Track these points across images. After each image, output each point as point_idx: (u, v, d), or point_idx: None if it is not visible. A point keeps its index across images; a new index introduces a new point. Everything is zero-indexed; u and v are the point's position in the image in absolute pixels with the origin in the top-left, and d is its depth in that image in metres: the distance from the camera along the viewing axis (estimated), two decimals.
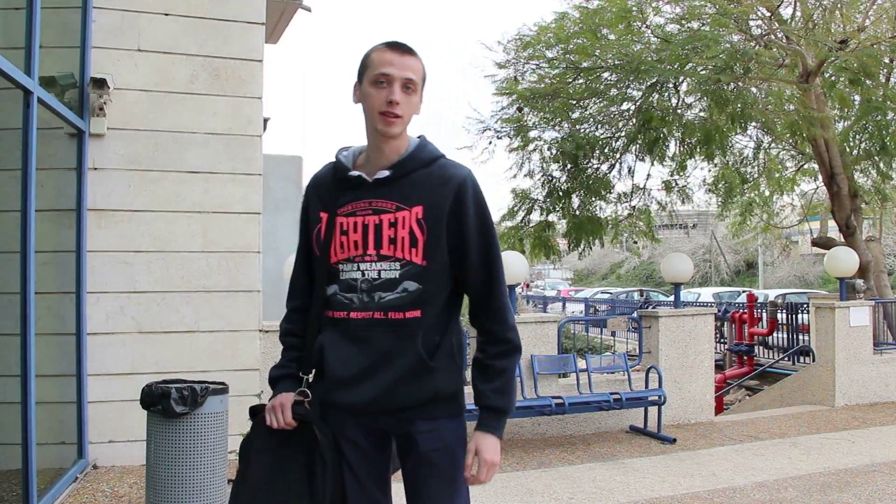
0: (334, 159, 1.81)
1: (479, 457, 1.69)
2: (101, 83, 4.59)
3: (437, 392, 1.71)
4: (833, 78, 9.26)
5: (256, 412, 1.80)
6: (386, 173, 1.70)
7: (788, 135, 9.62)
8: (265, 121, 5.89)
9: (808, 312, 9.50)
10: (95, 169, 4.74)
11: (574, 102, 10.01)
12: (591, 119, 10.25)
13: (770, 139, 11.27)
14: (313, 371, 1.81)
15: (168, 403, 3.18)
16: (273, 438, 1.74)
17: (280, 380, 1.80)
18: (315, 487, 1.68)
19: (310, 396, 1.76)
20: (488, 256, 1.74)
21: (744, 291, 18.00)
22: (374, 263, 1.69)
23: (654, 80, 9.13)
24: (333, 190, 1.76)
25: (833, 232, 11.89)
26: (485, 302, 1.76)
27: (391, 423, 1.73)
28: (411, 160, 1.72)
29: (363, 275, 1.70)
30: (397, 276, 1.68)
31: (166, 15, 4.92)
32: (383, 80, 1.66)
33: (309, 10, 7.51)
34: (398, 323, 1.68)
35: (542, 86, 9.88)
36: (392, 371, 1.68)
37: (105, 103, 4.65)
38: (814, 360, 7.81)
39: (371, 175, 1.72)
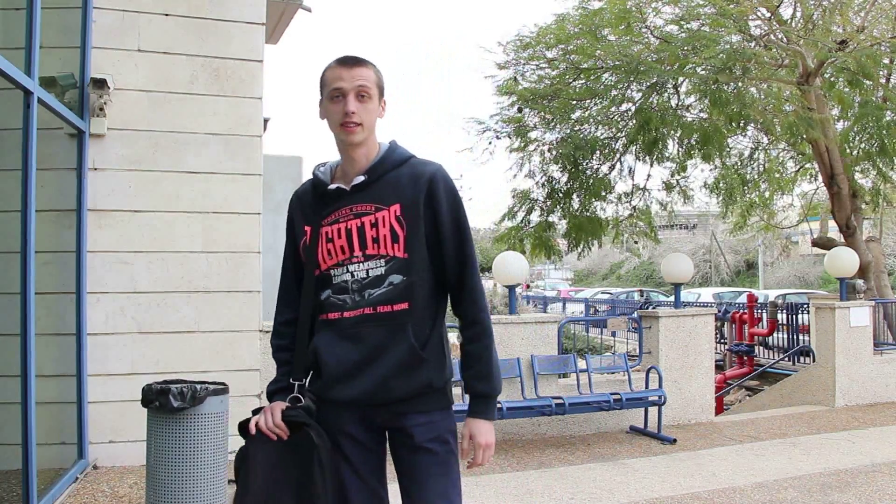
0: (312, 176, 1.90)
1: (473, 441, 1.80)
2: (101, 83, 4.59)
3: (429, 384, 1.78)
4: (833, 78, 9.26)
5: (246, 427, 1.81)
6: (362, 178, 1.81)
7: (788, 136, 9.61)
8: (265, 121, 5.88)
9: (808, 313, 9.51)
10: (95, 169, 4.75)
11: (574, 103, 10.01)
12: (591, 120, 10.24)
13: (769, 140, 11.27)
14: (308, 375, 1.86)
15: (166, 399, 3.18)
16: (271, 449, 1.76)
17: (275, 393, 1.86)
18: (316, 492, 1.71)
19: (302, 401, 1.80)
20: (461, 241, 1.83)
21: (744, 292, 18.00)
22: (361, 264, 1.78)
23: (654, 81, 9.13)
24: (315, 204, 1.85)
25: (833, 232, 11.88)
26: (460, 284, 1.84)
27: (387, 416, 1.80)
28: (383, 163, 1.82)
29: (353, 276, 1.79)
30: (383, 272, 1.77)
31: (166, 15, 4.92)
32: (338, 94, 1.78)
33: (309, 10, 7.51)
34: (387, 316, 1.76)
35: (542, 86, 9.88)
36: (385, 364, 1.75)
37: (105, 103, 4.65)
38: (814, 361, 7.81)
39: (348, 184, 1.82)
